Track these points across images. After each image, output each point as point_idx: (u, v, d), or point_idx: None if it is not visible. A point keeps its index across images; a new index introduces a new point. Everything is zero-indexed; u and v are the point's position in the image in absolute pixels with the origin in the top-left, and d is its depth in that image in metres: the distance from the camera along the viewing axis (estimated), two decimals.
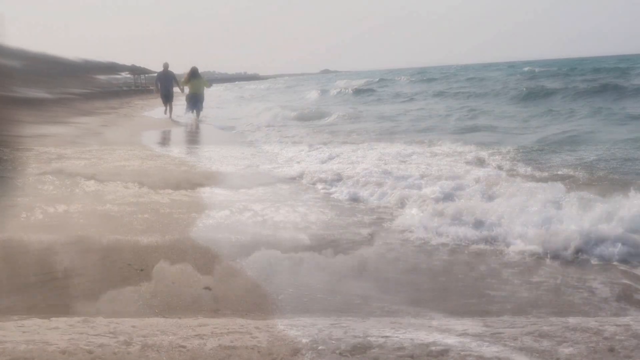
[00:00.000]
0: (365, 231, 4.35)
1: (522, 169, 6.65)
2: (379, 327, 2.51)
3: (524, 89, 20.16)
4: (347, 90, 30.69)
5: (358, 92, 29.60)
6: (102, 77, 37.10)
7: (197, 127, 14.58)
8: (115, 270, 3.37)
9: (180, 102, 17.25)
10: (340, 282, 3.31)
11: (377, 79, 43.10)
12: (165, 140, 11.61)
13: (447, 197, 5.15)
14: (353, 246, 3.95)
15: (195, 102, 15.93)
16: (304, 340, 2.29)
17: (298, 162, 7.77)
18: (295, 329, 2.46)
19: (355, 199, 5.45)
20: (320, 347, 2.21)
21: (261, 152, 9.24)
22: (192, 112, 16.07)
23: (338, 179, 6.20)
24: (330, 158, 7.91)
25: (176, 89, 16.70)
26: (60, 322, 2.52)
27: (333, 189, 5.87)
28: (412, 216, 4.64)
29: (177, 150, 9.51)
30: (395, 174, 6.28)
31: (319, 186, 6.07)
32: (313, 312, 2.85)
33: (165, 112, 16.77)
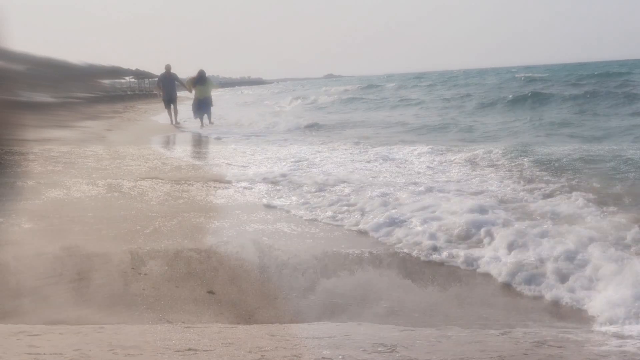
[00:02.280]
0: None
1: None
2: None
3: (510, 96, 19.80)
4: (327, 98, 29.60)
5: (337, 100, 28.35)
6: (106, 81, 37.41)
7: (201, 134, 13.65)
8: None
9: (185, 106, 16.93)
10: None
11: (366, 85, 42.37)
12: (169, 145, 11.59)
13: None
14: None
15: (203, 107, 15.09)
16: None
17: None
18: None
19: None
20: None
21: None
22: (201, 118, 15.16)
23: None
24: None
25: (181, 92, 15.97)
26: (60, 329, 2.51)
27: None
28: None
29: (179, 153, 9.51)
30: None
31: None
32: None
33: (171, 118, 15.79)
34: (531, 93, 19.74)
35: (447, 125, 13.63)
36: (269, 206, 5.29)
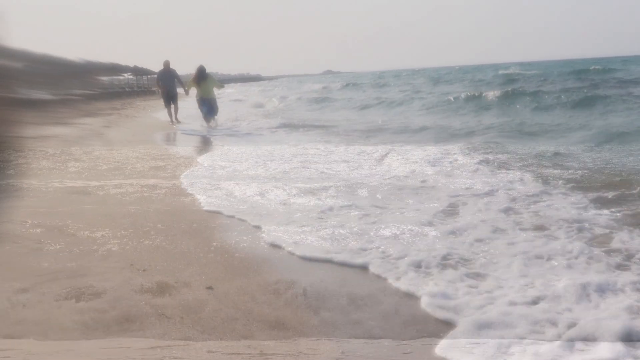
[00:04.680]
0: None
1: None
2: None
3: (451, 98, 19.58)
4: (293, 98, 28.69)
5: (311, 99, 27.61)
6: (104, 78, 37.42)
7: (206, 133, 12.89)
8: None
9: (185, 103, 16.71)
10: None
11: (345, 84, 42.29)
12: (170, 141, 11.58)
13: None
14: None
15: (206, 107, 14.03)
16: None
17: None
18: None
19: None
20: None
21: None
22: (207, 118, 14.19)
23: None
24: None
25: (180, 90, 15.13)
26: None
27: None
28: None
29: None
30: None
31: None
32: None
33: (171, 117, 15.08)
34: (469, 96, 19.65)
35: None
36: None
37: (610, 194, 4.97)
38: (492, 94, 18.70)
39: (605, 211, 4.43)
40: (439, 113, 16.98)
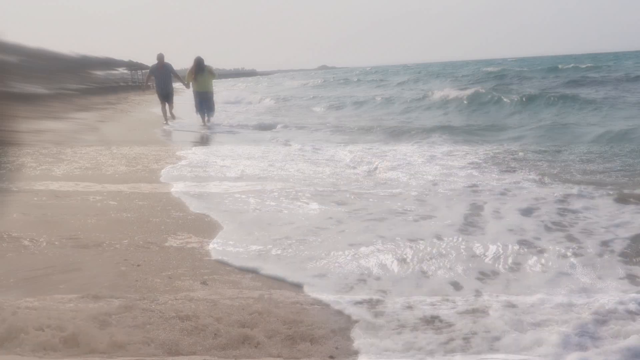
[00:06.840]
0: None
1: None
2: None
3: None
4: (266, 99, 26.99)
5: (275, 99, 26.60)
6: (99, 73, 37.10)
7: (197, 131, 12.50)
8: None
9: (182, 98, 16.56)
10: None
11: (323, 80, 43.14)
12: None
13: None
14: None
15: (203, 102, 13.29)
16: None
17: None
18: None
19: None
20: None
21: None
22: (202, 114, 13.48)
23: None
24: None
25: (177, 85, 14.32)
26: None
27: None
28: None
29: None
30: None
31: None
32: None
33: (165, 116, 13.93)
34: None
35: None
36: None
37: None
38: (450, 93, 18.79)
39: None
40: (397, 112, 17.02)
